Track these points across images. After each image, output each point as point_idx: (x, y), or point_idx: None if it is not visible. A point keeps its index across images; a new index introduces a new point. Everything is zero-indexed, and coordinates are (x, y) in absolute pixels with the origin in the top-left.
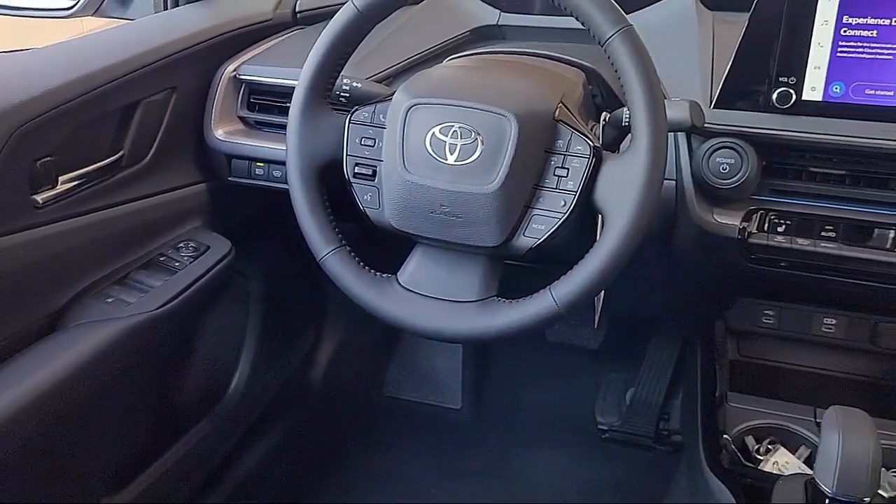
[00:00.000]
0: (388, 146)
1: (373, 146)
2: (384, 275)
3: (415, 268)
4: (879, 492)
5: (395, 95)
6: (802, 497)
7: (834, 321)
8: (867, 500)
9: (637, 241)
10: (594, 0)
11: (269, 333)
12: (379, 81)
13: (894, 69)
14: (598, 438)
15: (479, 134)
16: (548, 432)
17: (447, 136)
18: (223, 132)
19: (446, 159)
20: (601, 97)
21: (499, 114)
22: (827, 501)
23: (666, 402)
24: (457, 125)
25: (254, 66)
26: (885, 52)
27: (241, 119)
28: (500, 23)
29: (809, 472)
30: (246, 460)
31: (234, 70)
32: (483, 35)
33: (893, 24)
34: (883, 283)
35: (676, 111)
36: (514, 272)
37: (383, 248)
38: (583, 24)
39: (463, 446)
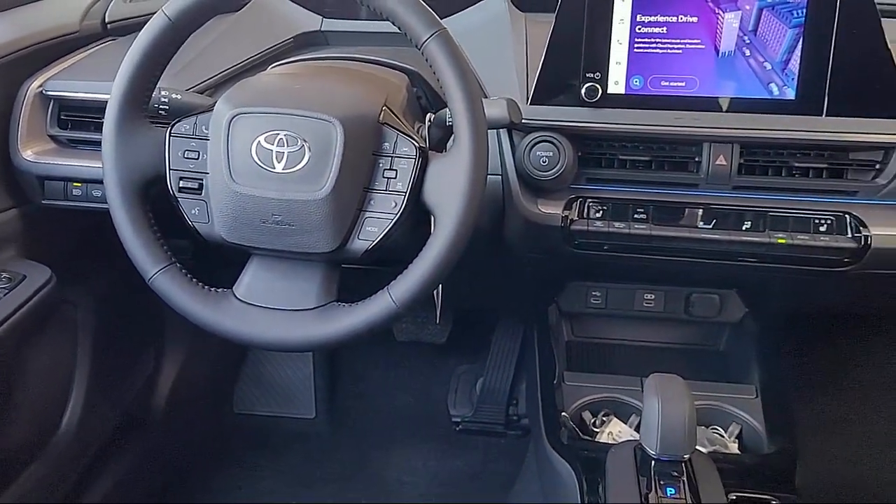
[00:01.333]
0: (213, 158)
1: (197, 159)
2: (220, 289)
3: (250, 280)
4: (698, 448)
5: (216, 105)
6: (632, 461)
7: (653, 296)
8: (687, 456)
9: (467, 235)
10: (408, 5)
11: (103, 362)
12: (200, 92)
13: (684, 62)
14: (453, 431)
15: (305, 141)
16: (403, 430)
17: (273, 144)
18: (32, 153)
19: (274, 168)
20: (426, 98)
21: (324, 120)
22: (653, 462)
23: (513, 388)
24: (282, 133)
25: (61, 81)
26: (675, 46)
27: (52, 138)
28: (323, 29)
29: (639, 437)
30: (88, 499)
31: (40, 86)
32: (306, 41)
33: (680, 21)
34: (691, 257)
35: (495, 109)
36: (356, 275)
37: (221, 263)
38: (399, 28)
39: (320, 455)
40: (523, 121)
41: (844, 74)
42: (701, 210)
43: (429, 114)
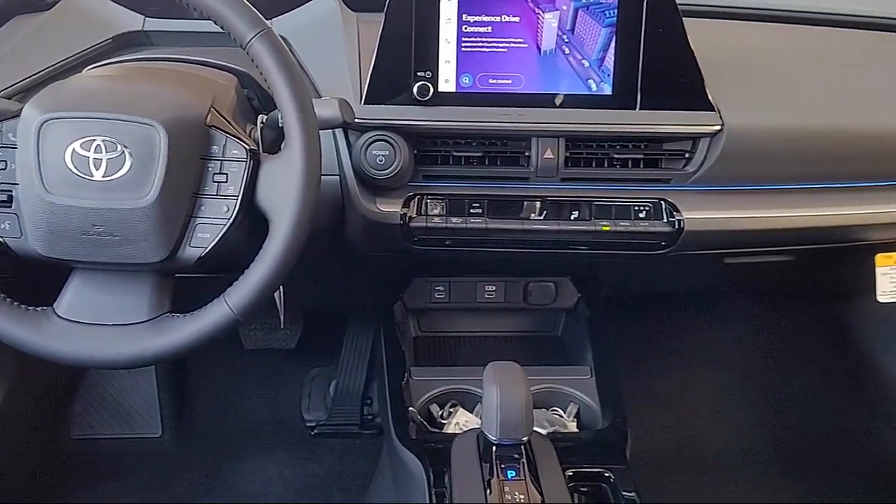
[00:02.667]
0: (23, 167)
1: (4, 169)
2: (39, 308)
3: (73, 296)
4: (537, 430)
5: (23, 111)
6: (475, 448)
7: (493, 287)
8: (525, 439)
9: (302, 237)
10: (230, 4)
11: None
12: (8, 97)
13: (509, 60)
14: (308, 436)
15: (125, 146)
16: (257, 440)
17: (90, 150)
18: None
19: (92, 176)
20: (258, 100)
21: (145, 124)
22: (494, 448)
23: (367, 388)
24: (99, 139)
25: None
26: (501, 45)
27: None
28: (145, 28)
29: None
30: None
31: None
32: (127, 42)
33: (504, 20)
34: (526, 248)
35: (326, 109)
36: (194, 284)
37: (47, 280)
38: (222, 28)
39: (169, 474)
40: (357, 120)
41: (654, 71)
42: (532, 202)
43: (261, 115)
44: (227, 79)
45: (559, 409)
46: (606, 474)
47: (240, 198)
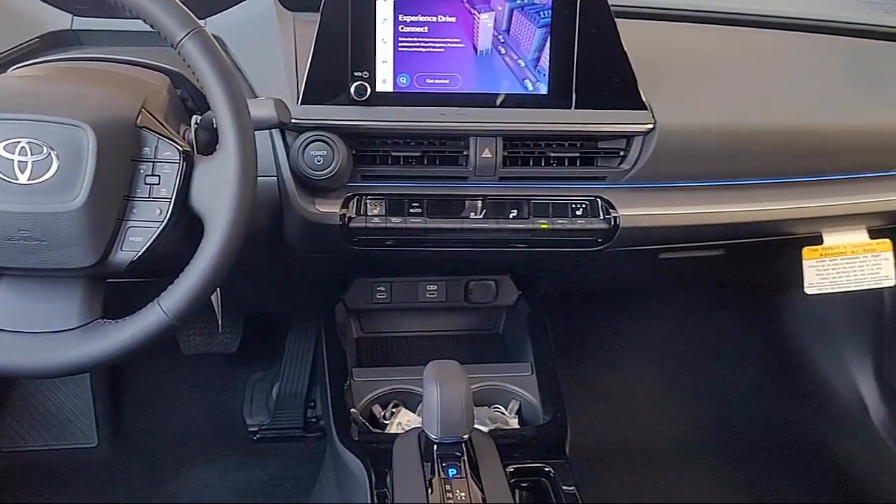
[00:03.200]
0: None
1: None
2: None
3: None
4: (479, 427)
5: None
6: (416, 448)
7: (435, 287)
8: (466, 437)
9: (238, 239)
10: (161, 3)
11: None
12: None
13: (446, 60)
14: (250, 441)
15: (52, 148)
16: (198, 447)
17: (14, 153)
18: None
19: (17, 179)
20: (192, 100)
21: (72, 125)
22: (435, 447)
23: (310, 390)
24: (24, 141)
25: None
26: (437, 45)
27: None
28: (74, 27)
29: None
30: None
31: None
32: (55, 41)
33: (440, 21)
34: (466, 246)
35: (261, 109)
36: (128, 289)
37: None
38: (152, 27)
39: (105, 485)
40: (294, 121)
41: (588, 71)
42: (471, 201)
43: (195, 116)
44: (159, 79)
45: (501, 407)
46: (547, 469)
47: (173, 200)
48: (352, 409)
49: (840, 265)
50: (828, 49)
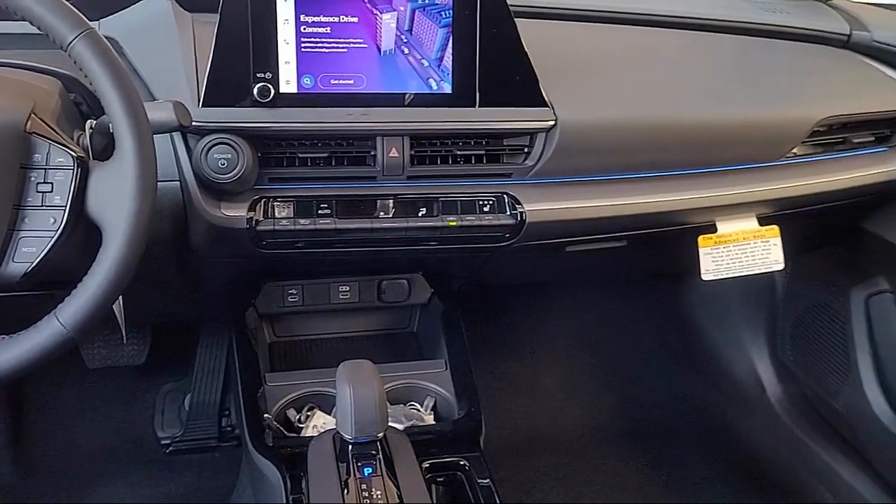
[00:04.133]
0: None
1: None
2: None
3: None
4: (394, 425)
5: None
6: (331, 449)
7: (347, 288)
8: (381, 435)
9: (139, 246)
10: (47, 4)
11: None
12: None
13: (350, 60)
14: (163, 454)
15: None
16: (108, 464)
17: None
18: None
19: None
20: (87, 104)
21: None
22: (350, 447)
23: (224, 399)
24: None
25: None
26: (341, 45)
27: None
28: None
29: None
30: None
31: None
32: None
33: (342, 21)
34: (377, 246)
35: (160, 112)
36: (24, 302)
37: None
38: (40, 30)
39: None
40: (195, 123)
41: (490, 70)
42: (380, 201)
43: (89, 120)
44: (50, 83)
45: (416, 404)
46: (462, 463)
47: (68, 208)
48: (265, 415)
49: (733, 252)
50: (713, 46)
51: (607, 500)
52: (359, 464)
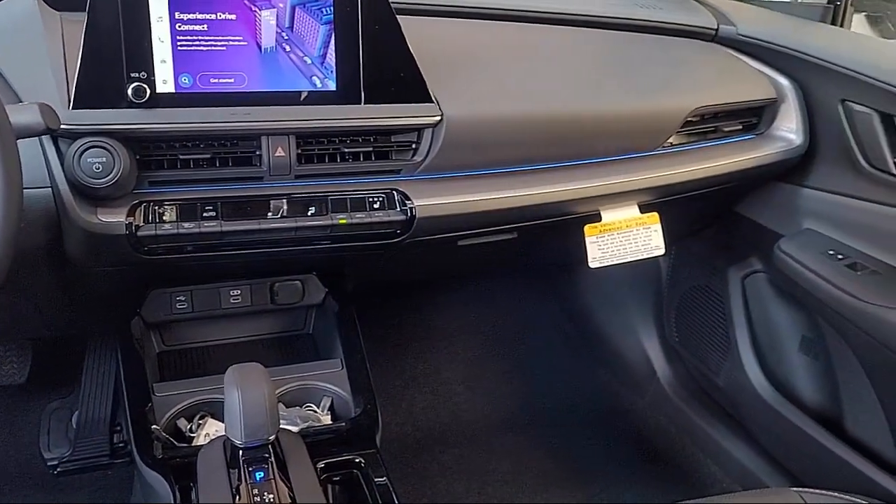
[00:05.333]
0: None
1: None
2: None
3: None
4: (288, 427)
5: None
6: (222, 456)
7: (239, 292)
8: (272, 438)
9: (5, 260)
10: None
11: None
12: None
13: (230, 59)
14: (52, 476)
15: None
16: None
17: None
18: None
19: None
20: None
21: None
22: (240, 452)
23: (115, 414)
24: None
25: None
26: (219, 43)
27: None
28: None
29: None
30: None
31: None
32: None
33: (219, 18)
34: (266, 247)
35: (24, 115)
36: None
37: None
38: None
39: None
40: (65, 127)
41: (374, 67)
42: (268, 201)
43: None
44: None
45: (313, 405)
46: (357, 460)
47: None
48: (153, 427)
49: (617, 239)
50: (592, 42)
51: (509, 488)
52: (250, 468)
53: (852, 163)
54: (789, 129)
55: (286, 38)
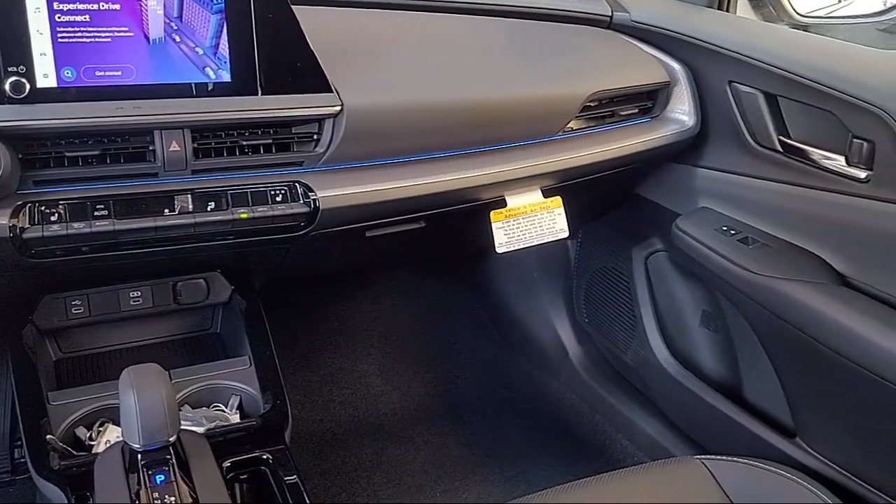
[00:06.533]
0: None
1: None
2: None
3: None
4: (193, 428)
5: None
6: (120, 462)
7: (139, 293)
8: (172, 439)
9: None
10: None
11: None
12: None
13: (116, 51)
14: None
15: None
16: None
17: None
18: None
19: None
20: None
21: None
22: (139, 456)
23: (14, 428)
24: None
25: None
26: (103, 35)
27: None
28: None
29: None
30: None
31: None
32: None
33: (102, 8)
34: (165, 245)
35: None
36: None
37: None
38: None
39: None
40: None
41: (270, 57)
42: (164, 198)
43: None
44: None
45: (220, 405)
46: (265, 457)
47: None
48: (49, 437)
49: (523, 224)
50: (492, 30)
51: (428, 477)
52: (150, 472)
53: (741, 142)
54: (682, 112)
55: (175, 28)
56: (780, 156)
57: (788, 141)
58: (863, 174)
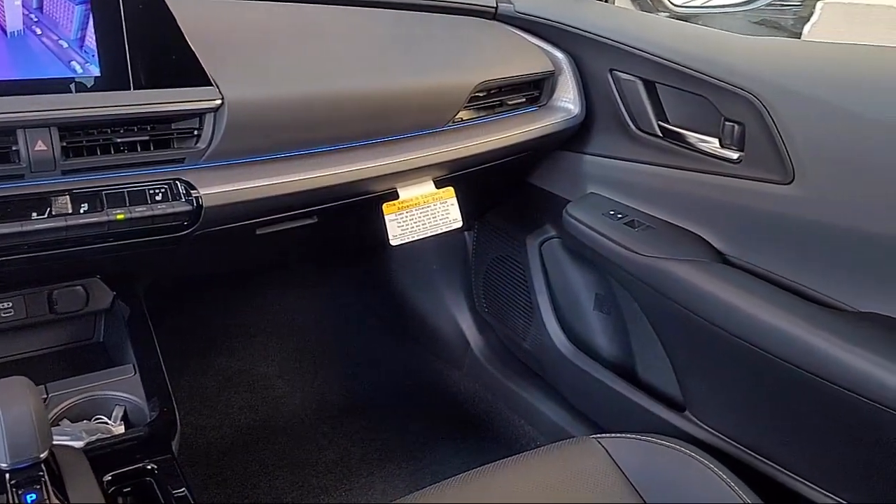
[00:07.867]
0: None
1: None
2: None
3: None
4: (70, 443)
5: None
6: None
7: (10, 304)
8: (44, 455)
9: None
10: None
11: None
12: None
13: None
14: None
15: None
16: None
17: None
18: None
19: None
20: None
21: None
22: (7, 476)
23: None
24: None
25: None
26: None
27: None
28: None
29: None
30: None
31: None
32: None
33: None
34: (34, 252)
35: None
36: None
37: None
38: None
39: None
40: None
41: (142, 49)
42: (31, 201)
43: None
44: None
45: (103, 416)
46: (150, 467)
47: None
48: None
49: (416, 215)
50: (377, 21)
51: (333, 477)
52: (19, 492)
53: (624, 128)
54: (568, 100)
55: (36, 20)
56: (661, 140)
57: (667, 126)
58: (735, 155)
